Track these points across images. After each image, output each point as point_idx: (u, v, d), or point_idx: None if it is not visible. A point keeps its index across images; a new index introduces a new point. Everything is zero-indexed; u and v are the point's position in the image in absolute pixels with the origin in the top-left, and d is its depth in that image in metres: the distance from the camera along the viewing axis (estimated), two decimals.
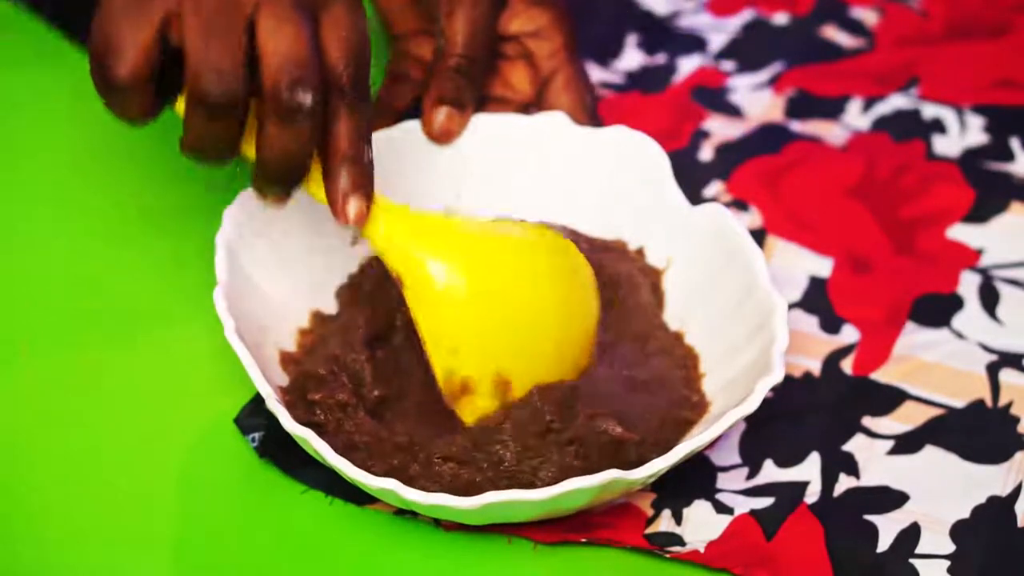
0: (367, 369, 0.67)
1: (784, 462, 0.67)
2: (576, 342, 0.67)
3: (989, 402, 0.70)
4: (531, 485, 0.63)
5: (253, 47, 0.59)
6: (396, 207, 0.65)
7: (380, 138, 0.73)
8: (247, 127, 0.62)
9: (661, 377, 0.68)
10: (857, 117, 0.84)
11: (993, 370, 0.71)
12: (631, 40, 0.89)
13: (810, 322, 0.74)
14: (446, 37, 0.73)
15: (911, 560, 0.63)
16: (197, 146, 0.61)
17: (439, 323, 0.65)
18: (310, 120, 0.60)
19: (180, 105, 0.61)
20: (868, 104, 0.84)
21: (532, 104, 0.76)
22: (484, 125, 0.75)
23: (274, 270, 0.70)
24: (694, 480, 0.66)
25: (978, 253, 0.76)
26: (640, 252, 0.73)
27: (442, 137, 0.73)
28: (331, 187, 0.63)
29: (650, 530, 0.65)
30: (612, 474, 0.61)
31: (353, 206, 0.63)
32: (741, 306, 0.68)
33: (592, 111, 0.76)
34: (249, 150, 0.63)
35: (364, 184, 0.63)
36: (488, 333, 0.66)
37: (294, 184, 0.62)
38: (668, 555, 0.64)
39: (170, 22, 0.59)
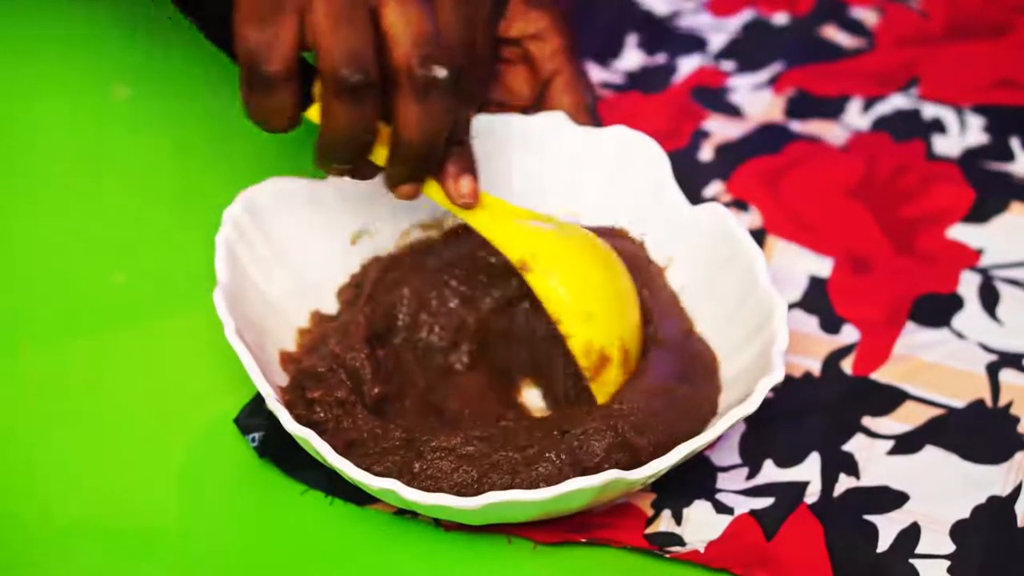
0: (367, 367, 0.67)
1: (784, 462, 0.67)
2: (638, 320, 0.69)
3: (989, 402, 0.70)
4: (533, 484, 0.63)
5: (377, 35, 0.61)
6: (490, 196, 0.67)
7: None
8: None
9: (689, 399, 0.68)
10: (857, 117, 0.84)
11: (993, 370, 0.71)
12: (631, 40, 0.89)
13: (810, 322, 0.74)
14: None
15: (911, 560, 0.63)
16: (339, 135, 0.62)
17: (571, 294, 0.66)
18: (446, 94, 0.61)
19: (313, 111, 0.62)
20: (868, 104, 0.84)
21: (532, 107, 0.76)
22: (484, 125, 0.75)
23: (274, 270, 0.70)
24: (694, 480, 0.66)
25: (978, 253, 0.76)
26: (642, 249, 0.73)
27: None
28: (444, 171, 0.65)
29: (650, 530, 0.65)
30: (613, 474, 0.61)
31: (464, 184, 0.65)
32: (741, 306, 0.68)
33: (593, 111, 0.76)
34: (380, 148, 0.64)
35: (474, 166, 0.66)
36: (609, 299, 0.67)
37: (432, 163, 0.64)
38: (668, 555, 0.64)
39: (302, 19, 0.60)
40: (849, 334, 0.73)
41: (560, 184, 0.75)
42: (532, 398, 0.70)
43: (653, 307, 0.70)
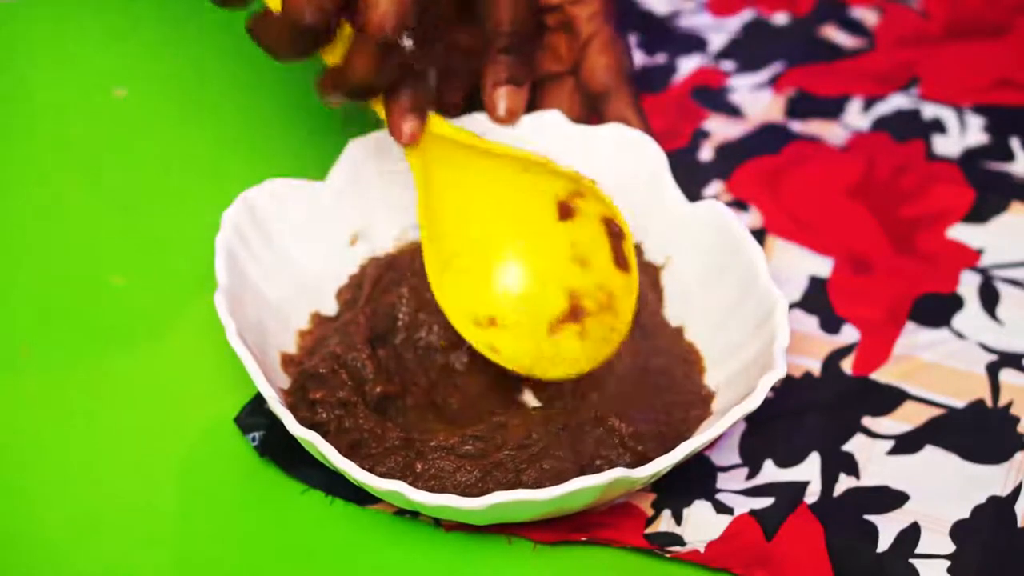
0: (368, 367, 0.67)
1: (784, 462, 0.67)
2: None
3: (989, 402, 0.70)
4: (536, 482, 0.63)
5: None
6: (448, 134, 0.68)
7: (382, 138, 0.73)
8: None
9: (664, 373, 0.68)
10: (857, 117, 0.84)
11: (993, 370, 0.71)
12: (631, 40, 0.89)
13: (810, 322, 0.74)
14: (491, 19, 0.73)
15: (911, 560, 0.63)
16: (269, 45, 0.64)
17: (453, 303, 0.67)
18: (407, 57, 0.64)
19: None
20: (868, 104, 0.84)
21: (571, 71, 0.77)
22: (483, 124, 0.75)
23: (273, 272, 0.70)
24: (694, 480, 0.66)
25: (978, 253, 0.76)
26: (638, 248, 0.73)
27: (508, 118, 0.74)
28: (392, 106, 0.66)
29: (650, 530, 0.65)
30: (617, 473, 0.61)
31: (408, 125, 0.67)
32: (741, 303, 0.69)
33: (629, 75, 0.76)
34: (330, 57, 0.65)
35: (423, 108, 0.67)
36: (532, 281, 0.68)
37: (364, 101, 0.66)
38: (668, 555, 0.64)
39: None
40: (849, 334, 0.73)
41: None
42: (532, 397, 0.70)
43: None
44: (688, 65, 0.87)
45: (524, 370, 0.67)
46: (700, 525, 0.65)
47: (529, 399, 0.69)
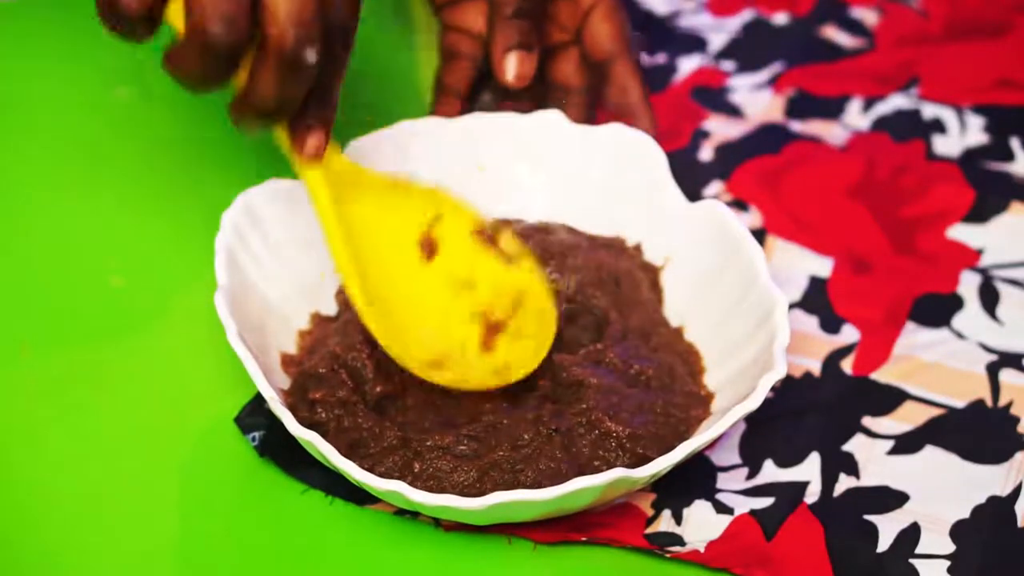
0: (368, 366, 0.67)
1: (784, 462, 0.67)
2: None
3: (989, 402, 0.70)
4: (535, 482, 0.63)
5: None
6: (344, 163, 0.66)
7: (381, 137, 0.73)
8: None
9: (666, 372, 0.68)
10: (857, 117, 0.84)
11: (993, 370, 0.71)
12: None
13: (810, 322, 0.74)
14: None
15: (911, 560, 0.63)
16: (186, 74, 0.61)
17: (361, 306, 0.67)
18: (311, 73, 0.61)
19: (172, 10, 0.61)
20: (868, 104, 0.84)
21: (575, 41, 0.77)
22: (482, 125, 0.75)
23: (273, 272, 0.70)
24: (694, 480, 0.66)
25: (978, 253, 0.76)
26: (638, 248, 0.73)
27: (518, 82, 0.74)
28: (296, 122, 0.64)
29: (650, 530, 0.65)
30: (617, 473, 0.61)
31: (312, 141, 0.64)
32: (741, 302, 0.69)
33: (631, 44, 0.76)
34: (238, 80, 0.63)
35: (328, 123, 0.64)
36: (422, 295, 0.68)
37: (275, 123, 0.63)
38: (668, 555, 0.64)
39: None
40: (849, 334, 0.73)
41: (557, 183, 0.75)
42: (531, 397, 0.70)
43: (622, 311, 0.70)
44: (688, 65, 0.87)
45: (496, 384, 0.67)
46: (700, 525, 0.65)
47: (529, 399, 0.69)
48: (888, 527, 0.65)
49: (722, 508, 0.65)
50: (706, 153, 0.82)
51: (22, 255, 0.76)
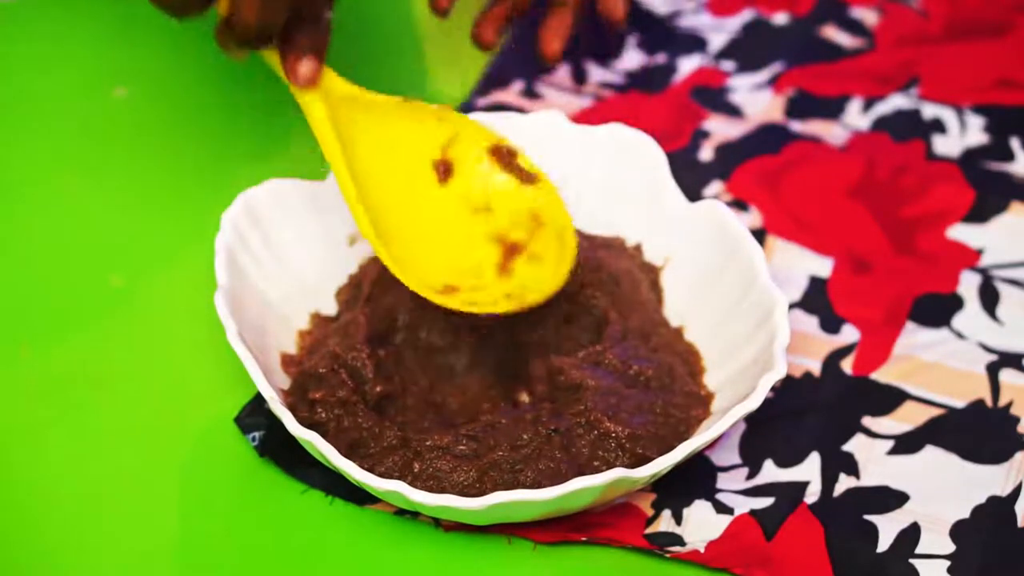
0: (368, 367, 0.67)
1: (784, 462, 0.67)
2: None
3: (989, 402, 0.70)
4: (534, 483, 0.63)
5: None
6: (344, 87, 0.66)
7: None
8: None
9: (665, 373, 0.68)
10: (857, 117, 0.84)
11: (993, 370, 0.71)
12: (631, 40, 0.89)
13: (810, 322, 0.74)
14: None
15: (911, 560, 0.63)
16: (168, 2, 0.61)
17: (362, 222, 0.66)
18: None
19: None
20: (868, 104, 0.84)
21: None
22: (482, 124, 0.75)
23: (273, 272, 0.70)
24: (694, 480, 0.66)
25: (978, 253, 0.76)
26: (638, 249, 0.73)
27: (553, 60, 0.78)
28: (287, 49, 0.64)
29: (650, 530, 0.65)
30: (617, 473, 0.61)
31: (305, 66, 0.64)
32: (741, 302, 0.69)
33: None
34: (221, 6, 0.63)
35: (321, 48, 0.64)
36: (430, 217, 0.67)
37: (260, 47, 0.63)
38: (668, 555, 0.64)
39: None
40: (849, 334, 0.73)
41: (557, 183, 0.75)
42: (530, 398, 0.70)
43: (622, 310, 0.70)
44: (688, 65, 0.87)
45: (508, 309, 0.66)
46: (700, 525, 0.65)
47: (528, 400, 0.69)
48: (888, 527, 0.65)
49: (722, 508, 0.65)
50: (706, 153, 0.82)
51: (22, 255, 0.76)
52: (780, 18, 0.90)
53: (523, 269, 0.67)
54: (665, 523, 0.65)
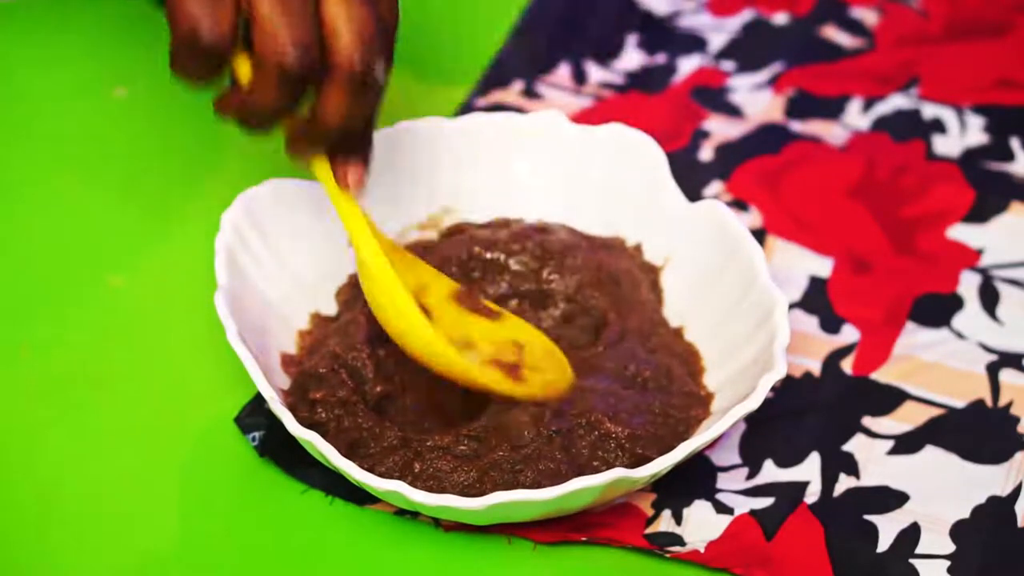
0: (369, 366, 0.67)
1: (784, 462, 0.67)
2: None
3: (989, 402, 0.70)
4: (535, 483, 0.63)
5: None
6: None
7: (377, 137, 0.73)
8: None
9: (663, 374, 0.68)
10: (857, 117, 0.84)
11: (993, 370, 0.71)
12: (631, 40, 0.89)
13: (810, 322, 0.74)
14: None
15: (911, 560, 0.63)
16: (263, 109, 0.62)
17: (381, 313, 0.66)
18: (379, 91, 0.62)
19: (242, 67, 0.62)
20: (868, 104, 0.84)
21: None
22: (481, 123, 0.75)
23: (273, 272, 0.70)
24: (694, 480, 0.66)
25: (978, 253, 0.76)
26: (638, 249, 0.73)
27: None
28: (342, 153, 0.65)
29: (650, 530, 0.65)
30: (617, 473, 0.61)
31: (354, 172, 0.65)
32: (741, 302, 0.69)
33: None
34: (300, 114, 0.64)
35: (369, 155, 0.66)
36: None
37: (350, 149, 0.64)
38: (668, 555, 0.64)
39: None
40: (849, 334, 0.73)
41: (557, 183, 0.75)
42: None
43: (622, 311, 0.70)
44: (688, 65, 0.87)
45: (554, 393, 0.67)
46: (700, 525, 0.65)
47: (527, 402, 0.69)
48: (888, 527, 0.65)
49: (722, 508, 0.65)
50: (706, 153, 0.82)
51: (22, 255, 0.76)
52: (780, 18, 0.90)
53: (533, 375, 0.67)
54: (665, 523, 0.65)
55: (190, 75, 0.62)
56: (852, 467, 0.67)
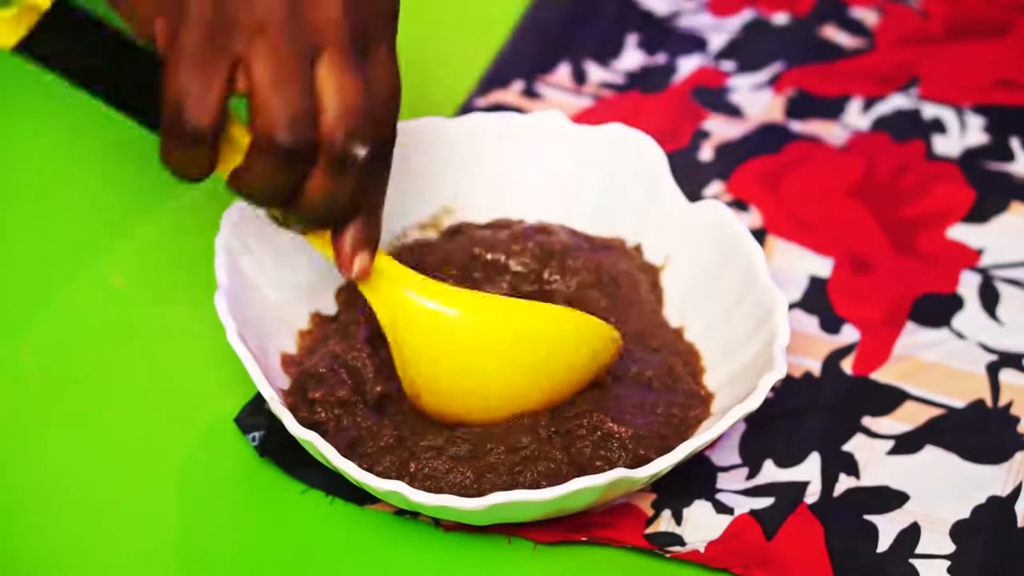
0: (369, 366, 0.67)
1: (784, 462, 0.67)
2: (548, 398, 0.67)
3: (989, 402, 0.70)
4: (534, 483, 0.63)
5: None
6: (384, 257, 0.65)
7: None
8: None
9: (665, 373, 0.68)
10: (857, 117, 0.84)
11: (993, 370, 0.71)
12: (631, 40, 0.89)
13: (810, 322, 0.74)
14: None
15: (911, 560, 0.63)
16: (259, 187, 0.59)
17: (413, 365, 0.65)
18: (361, 171, 0.60)
19: (226, 163, 0.60)
20: (868, 104, 0.84)
21: None
22: (481, 124, 0.75)
23: (273, 272, 0.70)
24: (694, 480, 0.66)
25: (978, 253, 0.76)
26: (638, 249, 0.73)
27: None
28: (342, 239, 0.62)
29: (650, 530, 0.65)
30: (618, 473, 0.61)
31: (360, 260, 0.63)
32: (741, 302, 0.69)
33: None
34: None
35: (375, 241, 0.63)
36: (452, 384, 0.66)
37: (323, 227, 0.62)
38: (668, 555, 0.64)
39: (236, 68, 0.58)
40: (849, 334, 0.73)
41: (557, 183, 0.75)
42: None
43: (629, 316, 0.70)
44: (688, 65, 0.87)
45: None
46: (700, 525, 0.65)
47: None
48: (888, 527, 0.65)
49: (722, 508, 0.65)
50: (706, 153, 0.82)
51: (22, 255, 0.76)
52: (780, 18, 0.90)
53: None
54: (665, 523, 0.65)
55: (178, 165, 0.59)
56: (852, 467, 0.67)
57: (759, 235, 0.77)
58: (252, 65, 0.58)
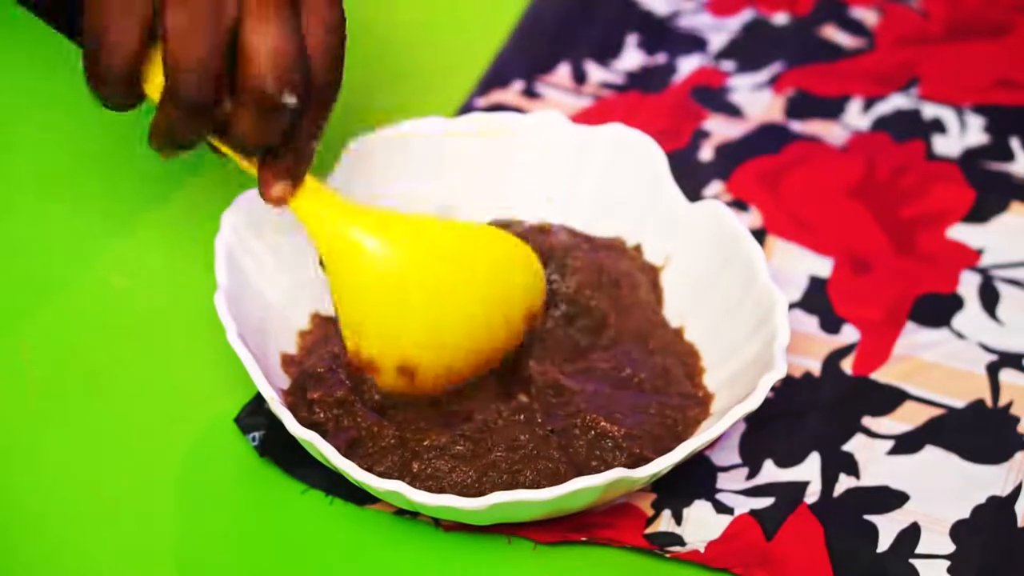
0: None
1: (784, 462, 0.67)
2: (498, 334, 0.67)
3: (989, 402, 0.70)
4: (534, 483, 0.63)
5: (234, 40, 0.58)
6: (325, 190, 0.65)
7: (377, 138, 0.73)
8: None
9: (663, 374, 0.68)
10: (857, 117, 0.84)
11: (993, 370, 0.71)
12: (631, 40, 0.89)
13: (810, 322, 0.74)
14: None
15: (911, 560, 0.63)
16: (164, 137, 0.60)
17: (349, 301, 0.65)
18: (290, 117, 0.60)
19: (152, 87, 0.61)
20: (868, 104, 0.84)
21: None
22: (481, 123, 0.75)
23: (273, 272, 0.70)
24: (694, 480, 0.66)
25: (978, 253, 0.76)
26: (638, 249, 0.73)
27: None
28: (265, 168, 0.63)
29: (650, 530, 0.65)
30: (617, 473, 0.61)
31: (278, 187, 0.63)
32: (741, 302, 0.69)
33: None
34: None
35: (299, 173, 0.63)
36: (395, 320, 0.66)
37: (249, 156, 0.62)
38: (668, 555, 0.64)
39: (157, 12, 0.58)
40: (849, 334, 0.73)
41: (557, 183, 0.75)
42: (528, 399, 0.70)
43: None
44: (688, 65, 0.87)
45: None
46: (700, 525, 0.65)
47: (527, 401, 0.69)
48: (888, 527, 0.65)
49: (722, 508, 0.65)
50: (706, 153, 0.82)
51: (22, 255, 0.76)
52: (780, 18, 0.90)
53: (381, 376, 0.67)
54: (665, 523, 0.65)
55: (104, 95, 0.60)
56: (852, 467, 0.67)
57: (759, 235, 0.77)
58: (165, 11, 0.57)
